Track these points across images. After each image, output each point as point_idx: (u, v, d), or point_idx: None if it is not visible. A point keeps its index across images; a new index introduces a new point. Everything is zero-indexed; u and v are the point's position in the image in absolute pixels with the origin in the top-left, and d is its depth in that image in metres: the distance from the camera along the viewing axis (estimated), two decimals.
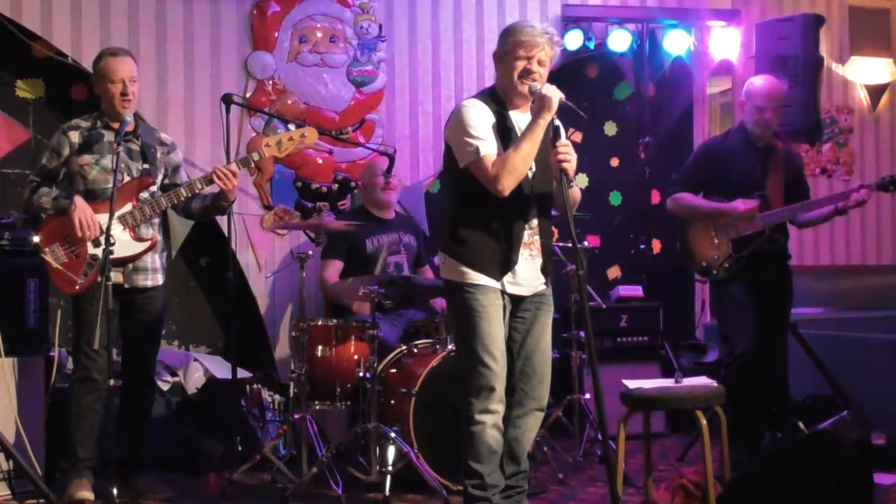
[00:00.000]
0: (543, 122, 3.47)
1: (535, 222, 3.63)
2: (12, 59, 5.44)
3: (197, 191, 4.32)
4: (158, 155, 4.42)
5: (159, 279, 4.43)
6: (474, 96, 3.68)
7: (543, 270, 3.68)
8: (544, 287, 3.71)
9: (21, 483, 4.31)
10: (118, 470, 4.38)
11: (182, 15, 5.53)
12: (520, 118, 3.64)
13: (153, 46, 5.47)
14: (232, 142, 5.08)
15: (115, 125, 4.30)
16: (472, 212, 3.58)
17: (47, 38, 5.30)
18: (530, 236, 3.62)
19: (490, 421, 3.52)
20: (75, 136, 4.29)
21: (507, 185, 3.46)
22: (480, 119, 3.54)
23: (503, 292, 3.58)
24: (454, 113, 3.62)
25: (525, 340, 3.67)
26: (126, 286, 4.28)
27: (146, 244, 4.29)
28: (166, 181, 4.45)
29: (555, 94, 3.46)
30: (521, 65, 3.55)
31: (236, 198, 4.51)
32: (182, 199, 4.29)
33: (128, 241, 4.21)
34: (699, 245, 4.85)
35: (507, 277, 3.57)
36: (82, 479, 4.22)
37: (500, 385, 3.53)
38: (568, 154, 3.45)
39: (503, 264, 3.56)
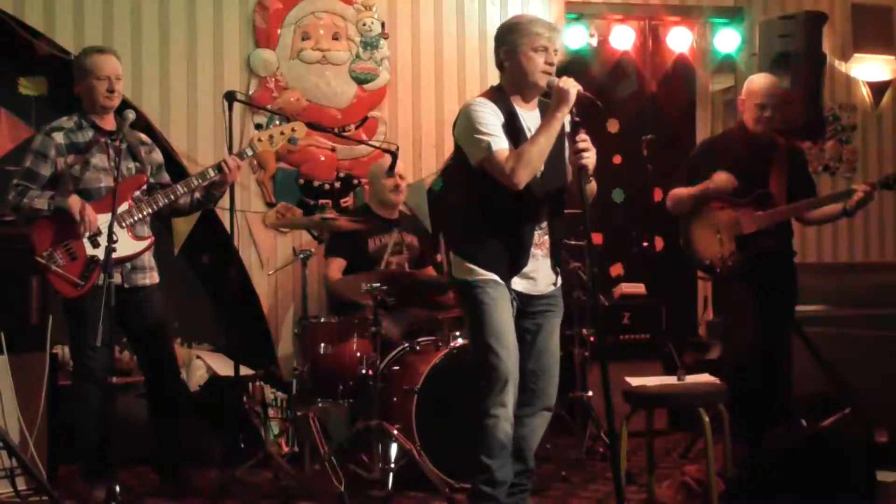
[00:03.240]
0: (561, 116, 3.46)
1: (545, 222, 3.62)
2: (15, 57, 5.44)
3: (195, 186, 4.32)
4: (143, 154, 4.43)
5: (156, 277, 4.44)
6: (481, 95, 3.65)
7: (554, 269, 3.67)
8: (554, 288, 3.70)
9: (24, 480, 4.30)
10: (162, 464, 4.42)
11: (185, 12, 5.53)
12: (528, 116, 3.61)
13: (156, 44, 5.47)
14: (235, 139, 5.07)
15: (102, 123, 4.30)
16: (483, 212, 3.57)
17: (50, 36, 5.31)
18: (540, 236, 3.60)
19: (503, 414, 3.50)
20: (60, 138, 4.25)
21: (523, 179, 3.44)
22: (490, 116, 3.51)
23: (512, 290, 3.57)
24: (462, 112, 3.59)
25: (535, 340, 3.66)
26: (126, 286, 4.27)
27: (145, 242, 4.30)
28: (151, 180, 4.45)
29: (572, 87, 3.43)
30: (541, 57, 3.52)
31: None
32: (179, 195, 4.29)
33: (127, 240, 4.20)
34: (703, 243, 4.84)
35: (516, 277, 3.56)
36: (109, 482, 3.97)
37: (512, 376, 3.51)
38: (588, 149, 3.44)
39: (512, 266, 3.55)
